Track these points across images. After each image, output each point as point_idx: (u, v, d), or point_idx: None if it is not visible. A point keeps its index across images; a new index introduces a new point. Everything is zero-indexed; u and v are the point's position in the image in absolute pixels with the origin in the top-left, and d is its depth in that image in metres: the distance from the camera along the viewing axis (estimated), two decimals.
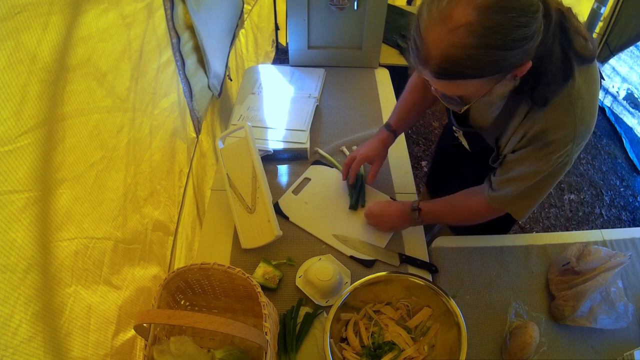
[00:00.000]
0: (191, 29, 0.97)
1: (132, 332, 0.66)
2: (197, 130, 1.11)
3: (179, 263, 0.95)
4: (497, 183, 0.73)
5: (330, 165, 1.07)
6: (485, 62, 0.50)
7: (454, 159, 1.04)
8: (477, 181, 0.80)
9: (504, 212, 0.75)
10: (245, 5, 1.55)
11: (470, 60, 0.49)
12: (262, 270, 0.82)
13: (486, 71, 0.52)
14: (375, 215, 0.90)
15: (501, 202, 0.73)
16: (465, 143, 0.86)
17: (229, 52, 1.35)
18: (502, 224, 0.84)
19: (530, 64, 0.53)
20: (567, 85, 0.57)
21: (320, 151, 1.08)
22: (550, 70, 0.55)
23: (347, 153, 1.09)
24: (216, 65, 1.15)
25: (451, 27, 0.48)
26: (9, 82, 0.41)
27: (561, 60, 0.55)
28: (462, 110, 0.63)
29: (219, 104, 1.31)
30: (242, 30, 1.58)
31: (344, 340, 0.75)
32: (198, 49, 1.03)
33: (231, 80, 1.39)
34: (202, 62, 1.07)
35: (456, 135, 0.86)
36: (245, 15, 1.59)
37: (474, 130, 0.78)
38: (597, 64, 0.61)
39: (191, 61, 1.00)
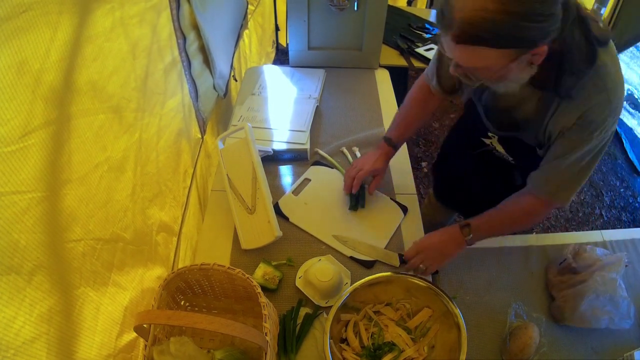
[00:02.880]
0: (197, 29, 0.97)
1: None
2: (202, 131, 1.11)
3: (183, 264, 0.95)
4: (544, 176, 0.73)
5: (331, 166, 1.07)
6: (503, 29, 0.52)
7: (465, 166, 1.03)
8: (505, 186, 0.80)
9: (553, 205, 0.75)
10: (248, 6, 1.55)
11: (490, 24, 0.52)
12: (262, 271, 0.82)
13: (503, 40, 0.53)
14: (426, 252, 0.81)
15: (550, 192, 0.73)
16: (501, 149, 0.84)
17: (234, 53, 1.35)
18: None
19: (546, 48, 0.55)
20: (592, 67, 0.59)
21: (321, 152, 1.09)
22: (574, 59, 0.58)
23: (348, 154, 1.09)
24: (221, 65, 1.15)
25: None
26: (14, 82, 0.41)
27: (585, 47, 0.58)
28: (475, 86, 0.66)
29: (225, 104, 1.32)
30: (246, 31, 1.58)
31: (344, 340, 0.76)
32: (204, 50, 1.03)
33: (236, 80, 1.40)
34: (208, 62, 1.06)
35: (488, 143, 0.86)
36: (249, 16, 1.59)
37: (512, 135, 0.77)
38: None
39: (197, 61, 1.00)
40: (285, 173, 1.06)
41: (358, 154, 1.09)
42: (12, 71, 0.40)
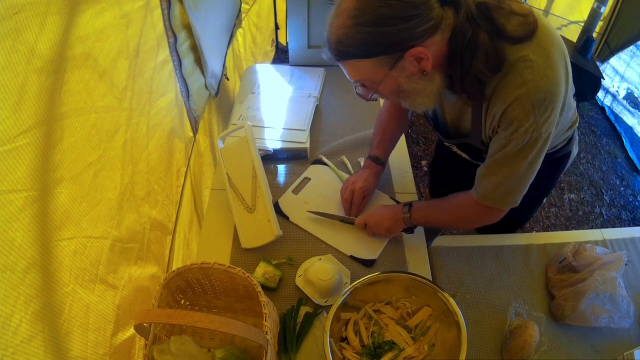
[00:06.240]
0: (188, 28, 0.97)
1: (131, 331, 0.66)
2: (195, 130, 1.11)
3: (177, 262, 0.95)
4: (479, 175, 0.72)
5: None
6: (360, 39, 0.56)
7: (454, 166, 1.03)
8: None
9: (492, 209, 0.72)
10: (243, 5, 1.54)
11: (352, 38, 0.57)
12: (262, 270, 0.82)
13: (366, 49, 0.57)
14: (369, 221, 0.88)
15: (484, 195, 0.71)
16: (464, 155, 0.85)
17: (227, 52, 1.34)
18: (508, 222, 0.81)
19: (423, 50, 0.56)
20: (499, 72, 0.57)
21: (325, 159, 1.07)
22: (475, 62, 0.57)
23: (348, 163, 1.07)
24: (214, 64, 1.15)
25: (338, 13, 0.57)
26: (7, 82, 0.41)
27: (492, 51, 0.56)
28: (369, 100, 0.68)
29: (217, 103, 1.31)
30: (240, 30, 1.58)
31: (344, 339, 0.75)
32: (195, 49, 1.03)
33: (228, 79, 1.39)
34: (199, 61, 1.06)
35: (453, 150, 0.86)
36: (243, 15, 1.59)
37: (463, 142, 0.77)
38: (549, 28, 0.59)
39: (188, 61, 1.00)
40: (285, 172, 1.06)
41: (361, 162, 1.07)
42: (5, 71, 0.41)
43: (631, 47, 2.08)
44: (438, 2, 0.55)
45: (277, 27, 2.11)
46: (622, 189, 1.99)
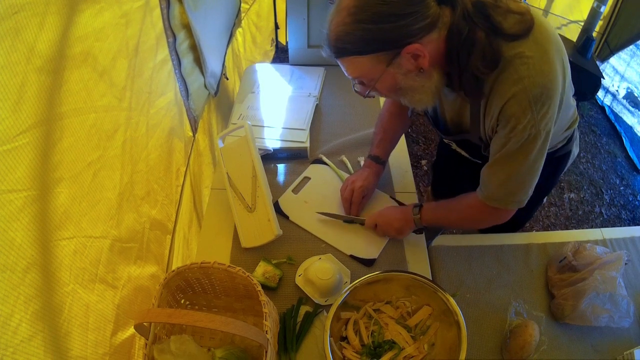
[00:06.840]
0: (187, 28, 0.97)
1: (131, 330, 0.66)
2: (194, 129, 1.11)
3: (177, 261, 0.95)
4: (483, 176, 0.72)
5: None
6: (358, 36, 0.57)
7: (455, 165, 1.03)
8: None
9: (499, 210, 0.72)
10: (243, 4, 1.54)
11: (350, 35, 0.58)
12: (262, 269, 0.82)
13: (364, 46, 0.58)
14: (379, 222, 0.88)
15: (489, 196, 0.71)
16: (464, 152, 0.86)
17: (226, 51, 1.34)
18: (509, 222, 0.80)
19: (419, 47, 0.56)
20: (495, 69, 0.58)
21: (325, 159, 1.07)
22: (471, 60, 0.57)
23: (348, 163, 1.07)
24: (213, 64, 1.15)
25: (338, 11, 0.58)
26: (7, 82, 0.41)
27: (488, 49, 0.57)
28: (367, 96, 0.68)
29: (216, 103, 1.31)
30: (240, 29, 1.58)
31: (344, 339, 0.76)
32: (194, 48, 1.03)
33: (227, 79, 1.39)
34: (199, 61, 1.06)
35: (452, 147, 0.87)
36: (243, 14, 1.59)
37: (462, 138, 0.78)
38: (546, 27, 0.59)
39: (187, 60, 1.00)
40: (285, 171, 1.06)
41: (361, 161, 1.07)
42: (4, 71, 0.41)
43: (631, 47, 2.08)
44: (435, 1, 0.55)
45: (277, 27, 2.11)
46: (622, 188, 1.99)
